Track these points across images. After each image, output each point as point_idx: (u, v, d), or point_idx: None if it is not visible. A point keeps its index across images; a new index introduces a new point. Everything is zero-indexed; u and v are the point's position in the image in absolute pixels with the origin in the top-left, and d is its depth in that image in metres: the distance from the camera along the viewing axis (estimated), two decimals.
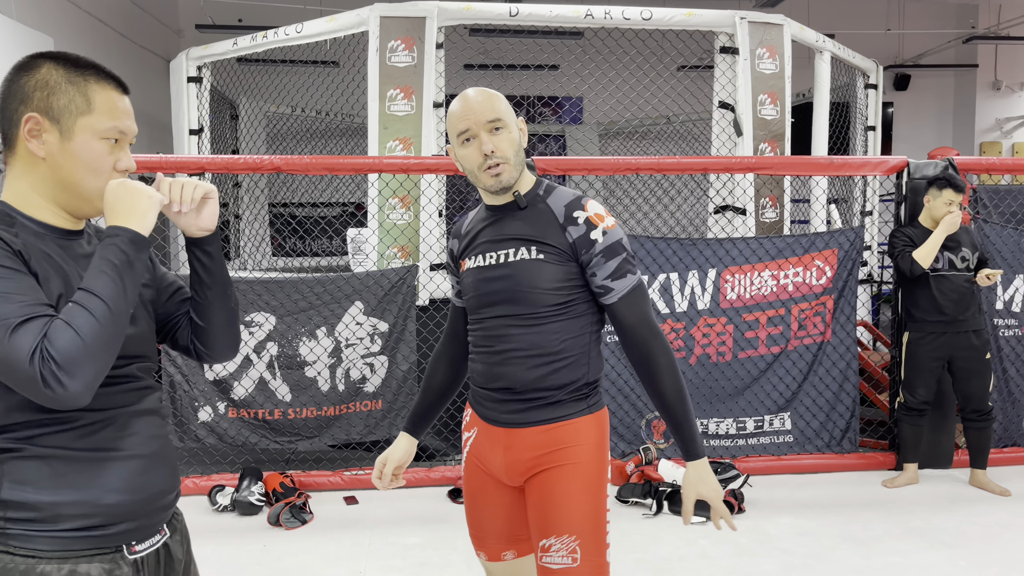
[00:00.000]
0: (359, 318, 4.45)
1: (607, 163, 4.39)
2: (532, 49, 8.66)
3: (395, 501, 4.23)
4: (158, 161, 4.18)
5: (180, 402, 4.35)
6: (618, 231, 1.86)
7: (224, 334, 1.54)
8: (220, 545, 3.67)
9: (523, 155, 1.90)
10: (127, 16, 9.02)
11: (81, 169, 1.32)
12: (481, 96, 1.84)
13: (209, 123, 6.50)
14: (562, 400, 1.88)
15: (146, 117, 9.16)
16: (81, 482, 1.29)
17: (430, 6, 4.92)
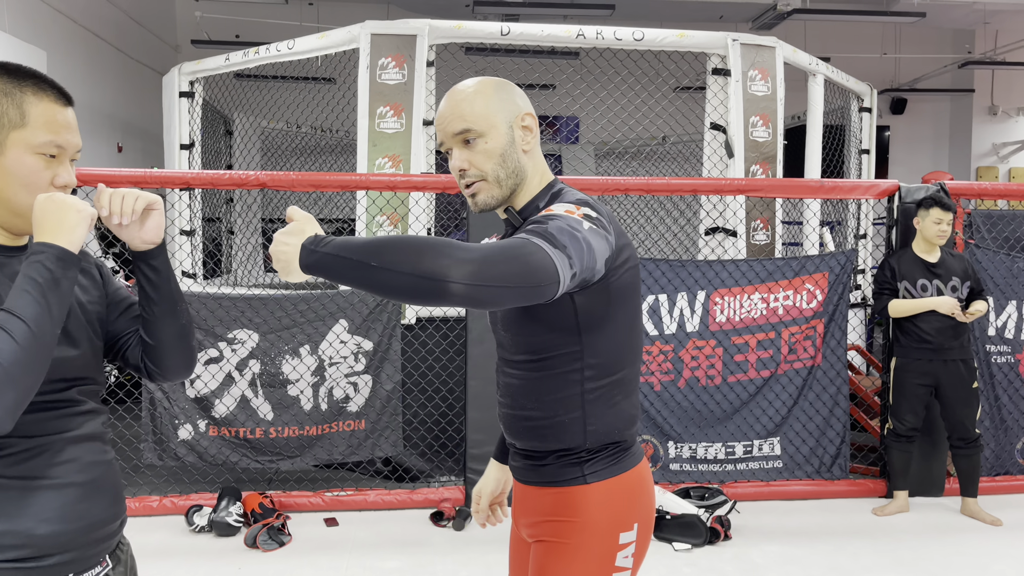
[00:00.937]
0: (343, 336, 4.40)
1: (595, 183, 4.36)
2: (528, 69, 8.68)
3: (376, 524, 4.16)
4: (142, 176, 4.15)
5: (160, 420, 4.29)
6: (565, 214, 1.38)
7: (175, 352, 1.48)
8: (194, 567, 3.60)
9: (516, 163, 1.53)
10: (123, 31, 9.04)
11: (14, 184, 1.28)
12: (450, 102, 1.53)
13: (201, 138, 6.49)
14: (550, 465, 1.57)
15: (141, 132, 9.19)
16: (12, 511, 1.23)
17: (421, 24, 4.91)
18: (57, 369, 1.30)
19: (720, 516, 4.06)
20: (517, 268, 1.22)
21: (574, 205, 1.43)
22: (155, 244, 1.43)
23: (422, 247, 1.20)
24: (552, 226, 1.32)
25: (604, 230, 1.42)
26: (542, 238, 1.29)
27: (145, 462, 4.29)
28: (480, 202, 1.54)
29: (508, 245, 1.25)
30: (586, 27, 5.06)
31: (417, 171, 4.86)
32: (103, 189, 1.37)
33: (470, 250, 1.21)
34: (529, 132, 1.55)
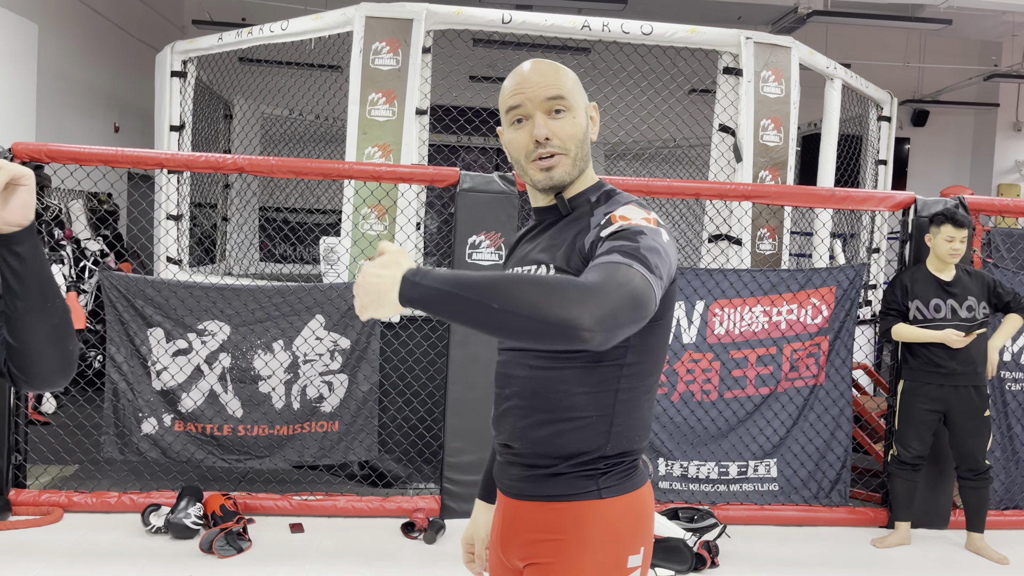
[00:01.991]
0: (319, 332, 4.17)
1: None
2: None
3: (343, 532, 3.94)
4: (113, 155, 3.94)
5: (123, 412, 4.08)
6: (646, 228, 1.32)
7: (47, 355, 1.25)
8: (142, 571, 3.38)
9: (587, 149, 1.47)
10: (124, 7, 8.85)
11: None
12: (543, 67, 1.45)
13: (192, 120, 6.28)
14: (564, 473, 1.44)
15: (140, 111, 8.97)
16: None
17: (418, 8, 4.68)
18: None
19: (708, 541, 3.81)
20: (629, 302, 1.19)
21: (644, 210, 1.39)
22: (21, 226, 1.21)
23: (545, 290, 1.16)
24: (644, 245, 1.28)
25: (671, 237, 1.39)
26: (638, 261, 1.25)
27: (105, 455, 4.08)
28: (557, 176, 1.45)
29: (616, 276, 1.21)
30: (592, 18, 4.82)
31: (408, 162, 4.63)
32: None
33: (591, 290, 1.17)
34: (594, 125, 1.52)
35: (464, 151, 10.99)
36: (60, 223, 7.03)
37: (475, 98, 7.54)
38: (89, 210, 7.73)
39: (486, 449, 4.09)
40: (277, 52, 5.91)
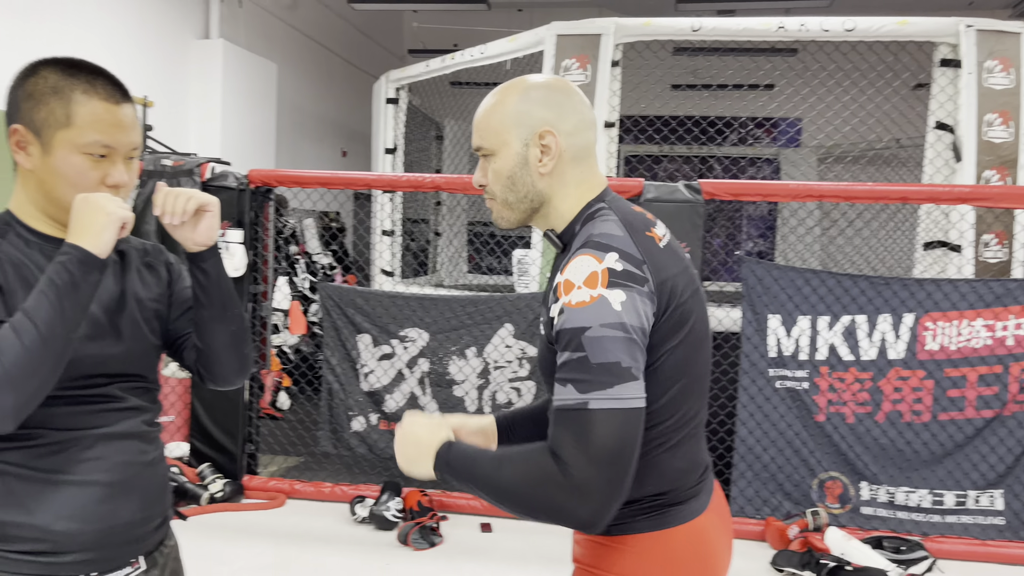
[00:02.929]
0: (508, 340, 4.35)
1: (782, 188, 3.95)
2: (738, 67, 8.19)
3: (529, 534, 4.06)
4: (329, 177, 4.37)
5: (336, 410, 4.49)
6: (588, 313, 1.20)
7: (225, 358, 1.45)
8: (347, 557, 3.70)
9: (532, 186, 1.35)
10: (352, 43, 9.72)
11: (62, 184, 1.27)
12: (477, 113, 1.39)
13: (405, 142, 6.77)
14: None
15: (363, 137, 9.77)
16: (32, 504, 1.24)
17: (607, 23, 4.75)
18: (96, 364, 1.30)
19: (914, 575, 3.51)
20: (611, 471, 1.18)
21: (595, 258, 1.23)
22: (207, 246, 1.40)
23: (540, 497, 1.20)
24: (592, 354, 1.19)
25: (636, 283, 1.23)
26: (595, 387, 1.19)
27: (320, 449, 4.51)
28: (495, 221, 1.42)
29: (588, 446, 1.18)
30: (788, 19, 4.62)
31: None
32: (160, 187, 1.36)
33: (577, 490, 1.18)
34: (548, 152, 1.33)
35: (667, 160, 10.89)
36: (295, 240, 7.87)
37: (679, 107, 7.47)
38: (320, 227, 8.58)
39: None
40: (483, 74, 6.24)
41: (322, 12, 8.86)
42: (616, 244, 1.25)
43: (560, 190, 1.36)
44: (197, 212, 1.37)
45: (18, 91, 1.29)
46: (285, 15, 8.03)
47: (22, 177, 1.32)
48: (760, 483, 4.16)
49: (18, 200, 1.34)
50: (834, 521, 4.03)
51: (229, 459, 4.46)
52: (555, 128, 1.33)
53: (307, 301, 7.19)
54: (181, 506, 4.15)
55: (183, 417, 4.53)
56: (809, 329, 4.11)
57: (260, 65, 6.93)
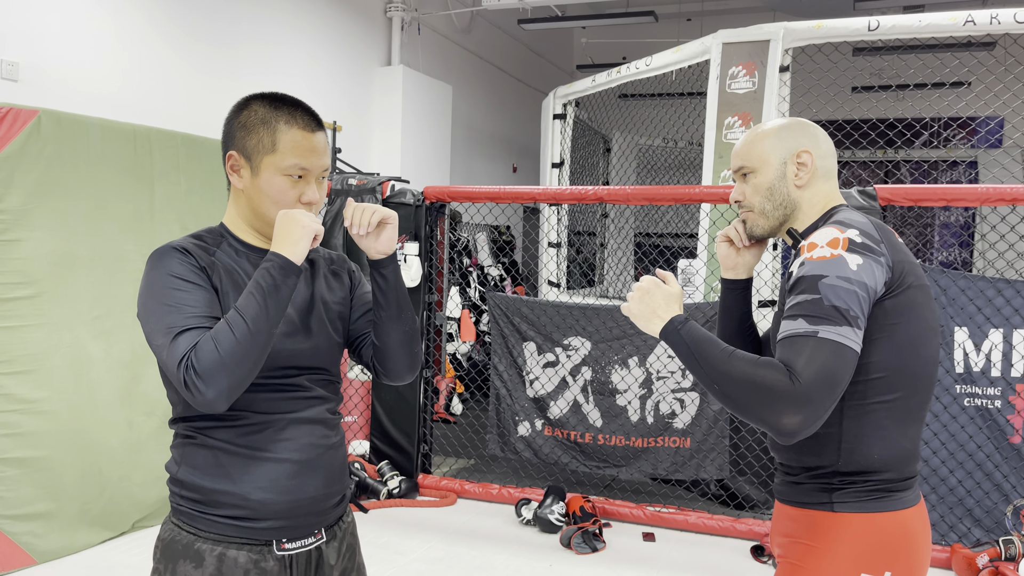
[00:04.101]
0: (671, 351, 4.34)
1: (969, 192, 3.70)
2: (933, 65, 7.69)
3: (693, 546, 4.04)
4: (497, 192, 4.57)
5: (503, 415, 4.67)
6: (828, 265, 1.41)
7: (398, 355, 1.61)
8: (512, 556, 3.85)
9: (787, 195, 1.60)
10: (523, 61, 10.03)
11: (266, 201, 1.49)
12: (738, 143, 1.69)
13: (573, 156, 6.92)
14: (802, 483, 1.56)
15: (533, 152, 10.06)
16: (236, 475, 1.45)
17: (775, 28, 4.65)
18: (290, 357, 1.50)
19: None
20: (826, 391, 1.35)
21: (839, 229, 1.46)
22: (386, 255, 1.57)
23: (759, 394, 1.36)
24: (826, 294, 1.39)
25: (874, 253, 1.44)
26: (825, 321, 1.38)
27: (489, 452, 4.71)
28: (749, 228, 1.68)
29: (809, 363, 1.36)
30: (977, 12, 4.32)
31: None
32: (350, 203, 1.56)
33: (794, 398, 1.34)
34: (804, 168, 1.60)
35: (852, 166, 10.35)
36: (468, 252, 8.23)
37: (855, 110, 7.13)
38: (492, 241, 8.92)
39: None
40: (650, 86, 6.27)
41: (495, 34, 9.23)
42: (857, 224, 1.48)
43: (810, 200, 1.62)
44: (380, 224, 1.55)
45: (233, 122, 1.52)
46: (460, 39, 8.45)
47: (235, 196, 1.56)
48: (946, 507, 3.89)
49: (231, 216, 1.57)
50: None
51: (406, 458, 4.76)
52: (811, 150, 1.61)
53: (478, 311, 7.49)
54: (363, 499, 4.48)
55: (365, 417, 4.89)
56: (1002, 343, 3.81)
57: (437, 88, 7.33)
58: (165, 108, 4.91)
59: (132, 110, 4.68)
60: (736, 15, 9.74)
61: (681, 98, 7.12)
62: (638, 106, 7.97)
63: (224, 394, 1.33)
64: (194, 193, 4.24)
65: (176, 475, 1.49)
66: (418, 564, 3.73)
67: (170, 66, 5.01)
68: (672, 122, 7.84)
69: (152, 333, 1.39)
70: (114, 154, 3.88)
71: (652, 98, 7.61)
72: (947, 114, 9.17)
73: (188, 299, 1.40)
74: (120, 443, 3.88)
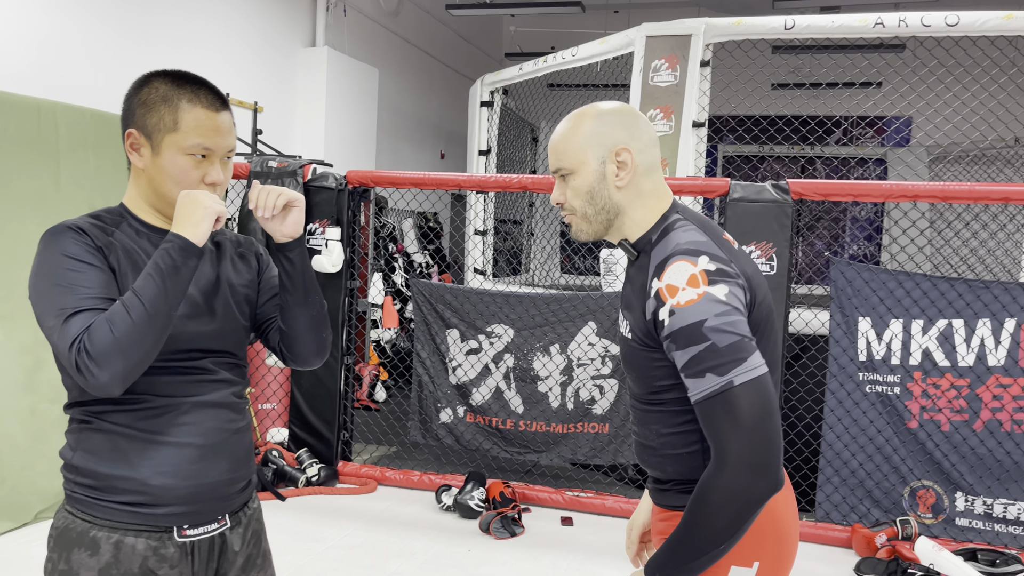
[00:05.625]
0: (592, 338, 4.42)
1: (874, 189, 3.86)
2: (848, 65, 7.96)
3: (609, 529, 4.12)
4: (421, 178, 4.55)
5: (425, 402, 4.67)
6: (698, 309, 1.32)
7: (305, 340, 1.59)
8: (431, 542, 3.86)
9: (609, 199, 1.49)
10: (452, 47, 9.97)
11: (168, 181, 1.45)
12: (553, 138, 1.53)
13: (500, 145, 6.93)
14: (671, 490, 1.55)
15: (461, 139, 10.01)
16: (135, 460, 1.41)
17: (697, 23, 4.74)
18: (193, 340, 1.47)
19: None
20: (768, 435, 1.30)
21: (689, 263, 1.36)
22: (292, 238, 1.55)
23: (730, 516, 1.30)
24: (716, 339, 1.31)
25: (731, 277, 1.37)
26: (729, 364, 1.31)
27: (410, 439, 4.70)
28: (575, 234, 1.56)
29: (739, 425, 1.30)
30: (887, 15, 4.50)
31: (685, 174, 4.71)
32: (255, 185, 1.53)
33: (747, 475, 1.29)
34: (624, 167, 1.48)
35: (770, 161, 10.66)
36: (394, 239, 8.16)
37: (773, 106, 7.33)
38: (417, 227, 8.86)
39: None
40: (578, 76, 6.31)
41: (423, 18, 9.14)
42: (704, 249, 1.38)
43: (635, 201, 1.50)
44: (286, 207, 1.53)
45: (133, 99, 1.48)
46: (387, 22, 8.34)
47: (135, 175, 1.51)
48: (848, 489, 4.07)
49: (131, 195, 1.53)
50: (925, 531, 3.91)
51: (325, 446, 4.70)
52: (629, 146, 1.48)
53: (402, 298, 7.45)
54: (280, 487, 4.42)
55: (283, 405, 4.82)
56: (902, 333, 4.00)
57: (362, 71, 7.23)
58: (73, 84, 4.71)
59: (37, 84, 4.47)
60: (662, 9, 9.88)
61: (607, 90, 7.20)
62: (566, 96, 8.02)
63: (119, 377, 1.30)
64: (104, 171, 4.08)
65: (71, 461, 1.44)
66: (336, 551, 3.70)
67: (79, 41, 4.80)
68: None
69: (43, 315, 1.34)
70: (15, 129, 3.70)
71: (579, 89, 7.67)
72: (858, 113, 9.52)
73: (82, 280, 1.35)
74: (22, 431, 3.73)
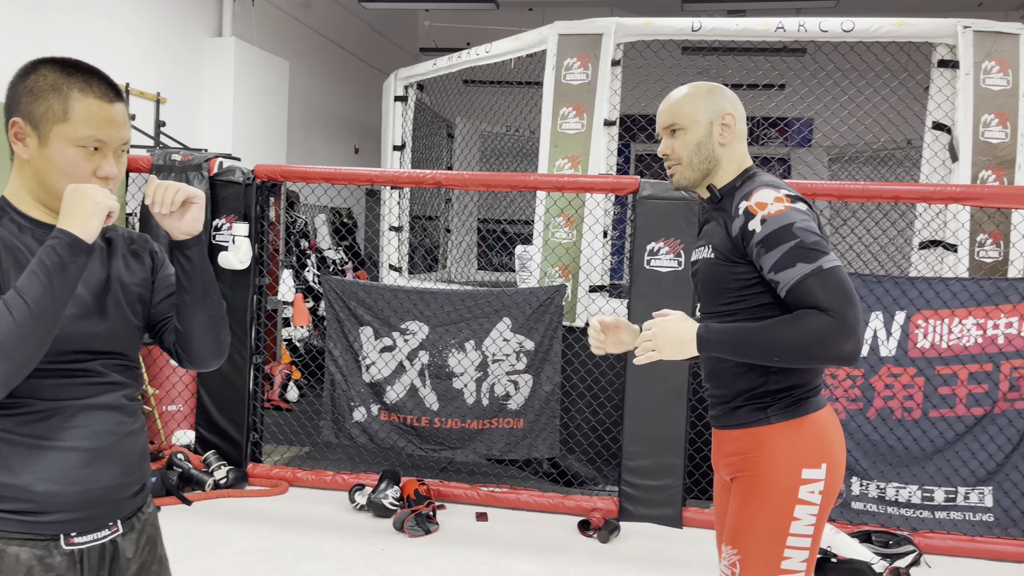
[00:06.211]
0: (506, 334, 4.44)
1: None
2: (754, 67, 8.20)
3: (524, 524, 4.15)
4: (333, 173, 4.47)
5: (338, 401, 4.60)
6: (787, 216, 1.66)
7: (202, 341, 1.54)
8: (344, 542, 3.81)
9: (712, 151, 1.84)
10: (366, 41, 9.84)
11: (56, 173, 1.38)
12: (667, 102, 1.88)
13: (416, 140, 6.87)
14: (740, 407, 1.83)
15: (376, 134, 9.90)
16: (18, 467, 1.34)
17: (608, 23, 4.82)
18: (82, 341, 1.40)
19: (899, 568, 3.56)
20: (854, 308, 1.60)
21: (774, 189, 1.72)
22: (192, 235, 1.50)
23: (811, 340, 1.60)
24: (802, 237, 1.64)
25: (806, 203, 1.74)
26: (815, 254, 1.63)
27: (323, 439, 4.62)
28: (676, 181, 1.89)
29: (831, 296, 1.60)
30: (787, 20, 4.68)
31: (596, 171, 4.78)
32: (152, 180, 1.47)
33: (838, 328, 1.58)
34: (728, 129, 1.84)
35: None
36: (306, 235, 8.00)
37: None
38: (331, 223, 8.71)
39: (664, 454, 4.12)
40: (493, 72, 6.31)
41: (335, 11, 8.98)
42: (782, 185, 1.76)
43: (728, 158, 1.85)
44: (184, 204, 1.47)
45: (19, 86, 1.39)
46: (298, 14, 8.16)
47: (18, 166, 1.43)
48: None
49: (13, 188, 1.44)
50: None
51: (234, 447, 4.58)
52: (734, 113, 1.85)
53: (315, 295, 7.31)
54: (186, 492, 4.28)
55: (189, 406, 4.67)
56: None
57: (272, 63, 7.06)
58: None
59: None
60: (576, 8, 9.99)
61: (522, 87, 7.24)
62: (481, 92, 8.03)
63: (2, 380, 1.23)
64: None
65: None
66: (244, 555, 3.61)
67: None
68: (514, 110, 7.96)
69: None
70: None
71: (495, 85, 7.69)
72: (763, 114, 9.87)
73: None
74: None
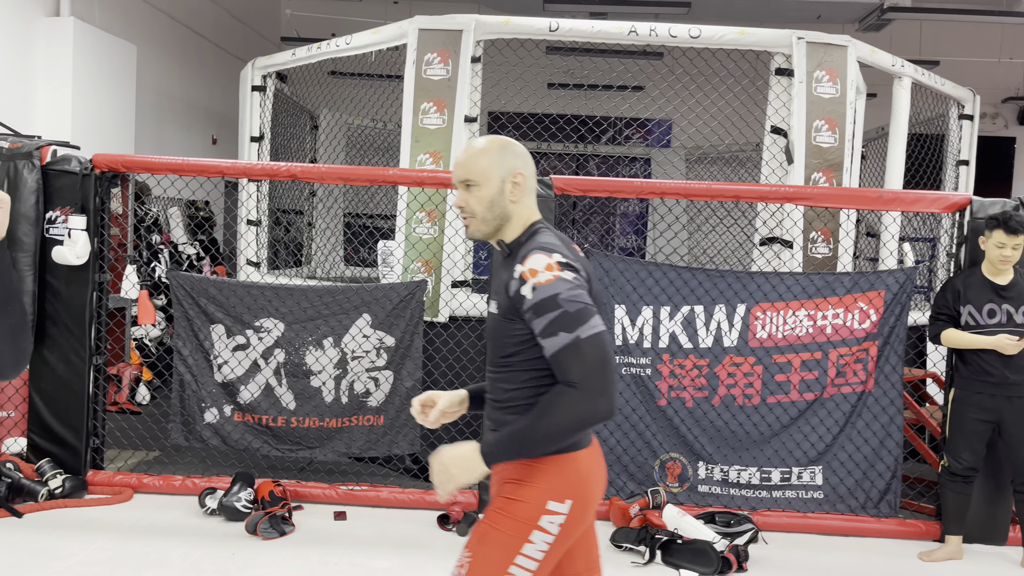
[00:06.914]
0: (366, 330, 4.39)
1: (626, 185, 4.16)
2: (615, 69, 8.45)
3: (383, 521, 4.13)
4: (180, 164, 4.28)
5: (187, 402, 4.41)
6: (553, 287, 1.81)
7: (1, 351, 1.45)
8: (192, 548, 3.66)
9: (504, 208, 1.95)
10: (223, 27, 9.44)
11: None
12: (463, 155, 1.98)
13: (276, 131, 6.66)
14: None
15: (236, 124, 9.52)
16: None
17: (467, 19, 4.84)
18: None
19: (738, 546, 3.78)
20: (607, 371, 1.79)
21: (546, 255, 1.86)
22: None
23: (570, 418, 1.78)
24: (566, 307, 1.80)
25: (575, 270, 1.87)
26: (575, 323, 1.79)
27: (171, 442, 4.42)
28: (470, 233, 2.01)
29: (584, 363, 1.78)
30: (640, 24, 4.85)
31: None
32: None
33: (589, 394, 1.77)
34: (518, 187, 1.96)
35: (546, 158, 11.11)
36: (159, 228, 7.60)
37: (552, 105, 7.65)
38: (187, 216, 8.31)
39: None
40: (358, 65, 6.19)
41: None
42: (556, 248, 1.90)
43: (518, 213, 1.98)
44: None
45: None
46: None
47: None
48: (607, 465, 4.36)
49: None
50: (673, 499, 4.28)
51: (72, 454, 4.30)
52: (524, 171, 1.98)
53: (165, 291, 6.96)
54: (16, 503, 3.98)
55: (21, 412, 4.34)
56: (652, 319, 4.34)
57: (117, 46, 6.65)
58: None
59: None
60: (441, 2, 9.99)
61: (387, 80, 7.16)
62: (347, 85, 7.87)
63: None
64: None
65: None
66: (80, 568, 3.40)
67: None
68: (379, 103, 7.85)
69: None
70: None
71: (360, 78, 7.55)
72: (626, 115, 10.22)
73: None
74: None
